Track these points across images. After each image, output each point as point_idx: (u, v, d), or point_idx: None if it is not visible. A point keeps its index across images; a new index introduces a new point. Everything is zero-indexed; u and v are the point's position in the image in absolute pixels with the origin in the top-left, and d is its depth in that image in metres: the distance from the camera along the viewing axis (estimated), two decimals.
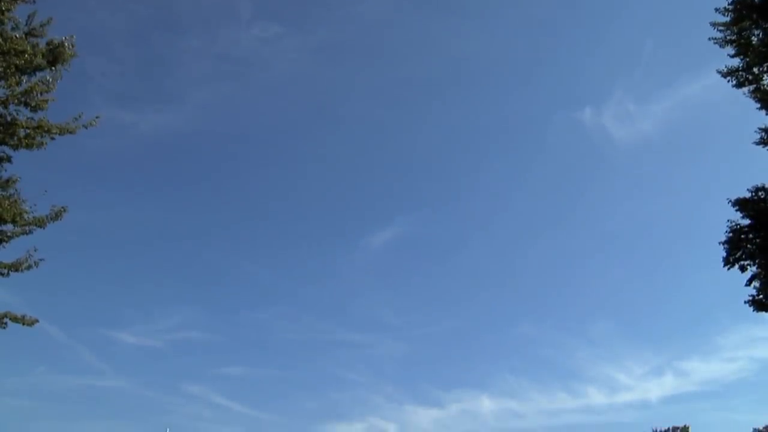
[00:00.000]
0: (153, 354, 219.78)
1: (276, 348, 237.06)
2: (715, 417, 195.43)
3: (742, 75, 22.34)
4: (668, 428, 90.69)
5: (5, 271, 16.01)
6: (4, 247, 15.88)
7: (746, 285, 22.49)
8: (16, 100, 15.82)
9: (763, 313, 22.99)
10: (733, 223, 22.46)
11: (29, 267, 15.96)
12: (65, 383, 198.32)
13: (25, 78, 16.07)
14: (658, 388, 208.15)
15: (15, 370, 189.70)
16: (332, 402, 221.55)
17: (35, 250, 15.87)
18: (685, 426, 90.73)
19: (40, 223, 16.05)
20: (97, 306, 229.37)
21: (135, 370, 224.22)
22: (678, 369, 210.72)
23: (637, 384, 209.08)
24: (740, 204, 22.33)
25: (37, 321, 16.45)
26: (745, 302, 22.54)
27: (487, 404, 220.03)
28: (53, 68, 16.44)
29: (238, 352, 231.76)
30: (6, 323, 15.91)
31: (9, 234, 15.96)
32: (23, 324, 16.16)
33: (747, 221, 22.28)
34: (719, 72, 22.67)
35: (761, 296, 22.22)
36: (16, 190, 15.96)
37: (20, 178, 16.17)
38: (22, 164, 16.48)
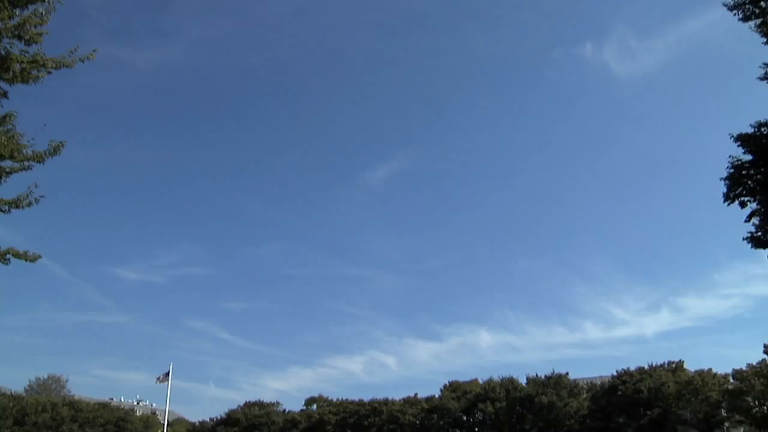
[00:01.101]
0: (155, 290, 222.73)
1: (277, 283, 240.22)
2: (709, 352, 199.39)
3: (749, 8, 21.98)
4: (663, 363, 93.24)
5: (6, 207, 16.15)
6: (5, 180, 15.98)
7: (745, 221, 22.85)
8: (9, 34, 15.66)
9: (760, 250, 23.36)
10: (735, 159, 22.61)
11: (29, 204, 16.09)
12: (69, 319, 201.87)
13: (17, 11, 15.84)
14: (653, 324, 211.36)
15: (19, 308, 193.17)
16: (333, 336, 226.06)
17: (36, 186, 15.96)
18: (680, 361, 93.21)
19: (38, 159, 16.12)
20: (98, 243, 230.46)
21: (137, 306, 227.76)
22: (674, 305, 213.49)
23: (634, 319, 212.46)
24: (742, 139, 22.39)
25: (39, 257, 16.69)
26: (743, 239, 22.94)
27: (485, 338, 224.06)
28: (46, 0, 16.18)
29: (239, 287, 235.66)
30: (9, 259, 16.16)
31: (8, 170, 16.04)
32: (26, 260, 16.37)
33: (749, 157, 22.43)
34: (725, 5, 22.28)
35: (760, 233, 22.56)
36: (13, 125, 15.95)
37: (18, 113, 16.12)
38: (20, 103, 16.43)
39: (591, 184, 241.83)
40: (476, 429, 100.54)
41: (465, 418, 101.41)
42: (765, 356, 71.59)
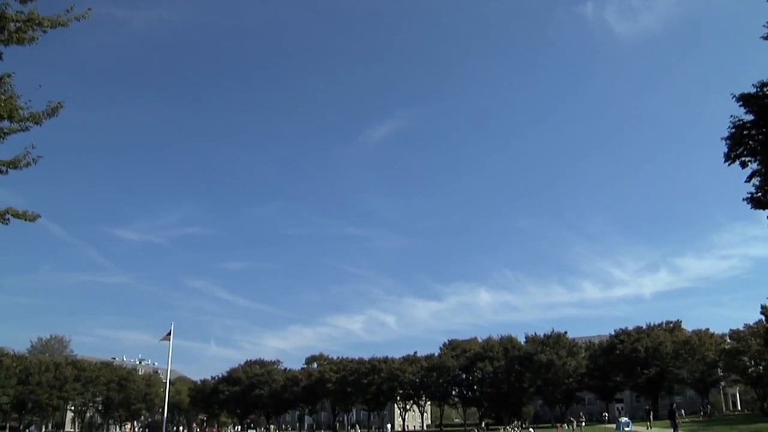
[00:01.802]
0: (155, 250, 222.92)
1: (276, 243, 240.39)
2: (706, 312, 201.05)
3: None
4: (661, 323, 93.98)
5: (4, 168, 15.89)
6: (3, 141, 15.66)
7: (746, 182, 22.75)
8: None
9: (759, 211, 23.26)
10: (736, 119, 22.37)
11: (28, 164, 15.79)
12: (70, 280, 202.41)
13: None
14: (651, 284, 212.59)
15: (21, 269, 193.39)
16: (332, 295, 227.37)
17: (33, 147, 15.65)
18: (677, 320, 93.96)
19: (36, 119, 15.79)
20: (98, 204, 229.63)
21: (138, 266, 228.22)
22: (672, 265, 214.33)
23: (632, 279, 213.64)
24: (744, 99, 22.07)
25: (38, 216, 16.53)
26: (743, 200, 22.89)
27: (484, 297, 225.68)
28: None
29: (239, 247, 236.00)
30: (8, 219, 15.97)
31: (6, 131, 15.73)
32: (25, 219, 16.23)
33: (750, 117, 22.17)
34: None
35: (760, 194, 22.43)
36: (10, 86, 15.56)
37: (14, 73, 15.71)
38: (15, 64, 16.00)
39: (591, 145, 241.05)
40: (475, 387, 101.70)
41: (464, 376, 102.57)
42: (762, 317, 72.11)
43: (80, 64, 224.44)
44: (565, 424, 73.77)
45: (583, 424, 56.23)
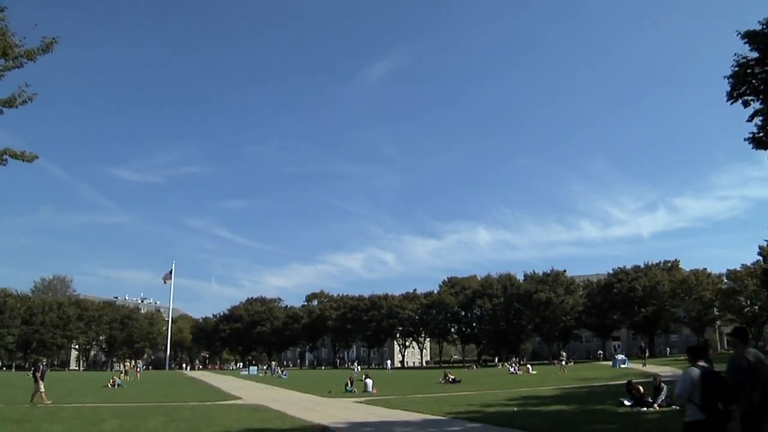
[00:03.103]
0: (155, 190, 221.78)
1: (276, 181, 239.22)
2: (704, 253, 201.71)
3: None
4: (659, 262, 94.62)
5: (0, 107, 15.42)
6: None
7: (747, 121, 22.57)
8: None
9: (758, 152, 23.05)
10: (740, 57, 21.85)
11: (24, 102, 15.35)
12: (70, 221, 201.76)
13: None
14: (650, 224, 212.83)
15: (21, 210, 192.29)
16: (332, 233, 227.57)
17: (27, 85, 15.12)
18: (675, 260, 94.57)
19: (30, 56, 15.27)
20: (96, 144, 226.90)
21: (138, 206, 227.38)
22: (670, 205, 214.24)
23: (630, 219, 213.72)
24: (749, 36, 21.54)
25: (36, 157, 16.26)
26: (744, 139, 22.80)
27: (483, 235, 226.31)
28: None
29: (238, 185, 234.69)
30: (6, 160, 15.65)
31: (1, 68, 15.17)
32: (23, 160, 15.99)
33: (755, 54, 21.66)
34: None
35: (762, 134, 22.17)
36: (4, 23, 14.90)
37: (7, 8, 15.02)
38: (9, 1, 15.20)
39: (590, 82, 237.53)
40: (474, 324, 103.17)
41: (463, 313, 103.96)
42: (759, 257, 72.38)
43: (77, 1, 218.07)
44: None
45: (563, 362, 56.25)
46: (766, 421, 7.53)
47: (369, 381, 33.60)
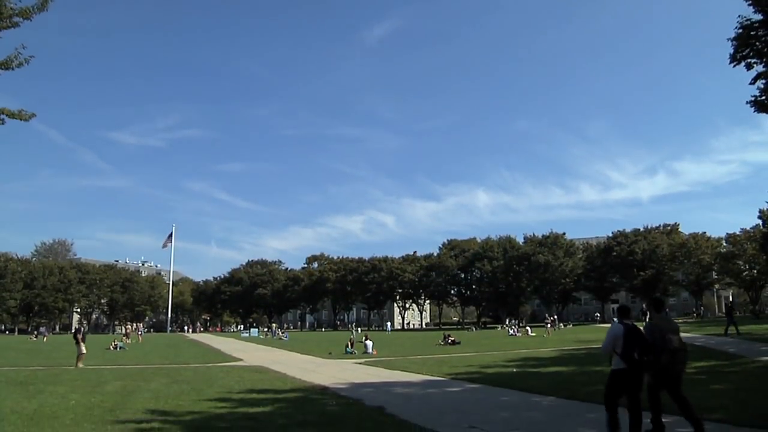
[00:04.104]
0: (154, 153, 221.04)
1: (275, 144, 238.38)
2: (703, 216, 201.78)
3: None
4: (659, 225, 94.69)
5: None
6: None
7: (750, 84, 22.40)
8: None
9: (759, 117, 23.05)
10: (744, 19, 21.46)
11: (20, 64, 15.08)
12: (70, 185, 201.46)
13: None
14: (649, 187, 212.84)
15: (21, 175, 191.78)
16: (332, 196, 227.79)
17: (23, 47, 14.86)
18: (675, 223, 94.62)
19: (25, 15, 14.95)
20: (95, 108, 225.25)
21: (137, 169, 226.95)
22: (670, 169, 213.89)
23: (630, 182, 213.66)
24: None
25: (34, 115, 16.10)
26: (746, 103, 22.69)
27: (482, 198, 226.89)
28: None
29: (237, 148, 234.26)
30: (3, 119, 15.44)
31: None
32: (20, 119, 15.82)
33: (759, 16, 21.29)
34: None
35: (764, 97, 21.98)
36: None
37: None
38: None
39: (591, 46, 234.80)
40: (474, 286, 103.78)
41: (463, 275, 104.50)
42: (759, 221, 72.38)
43: None
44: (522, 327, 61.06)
45: (549, 325, 56.31)
46: (675, 379, 8.80)
47: (369, 343, 33.86)
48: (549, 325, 57.48)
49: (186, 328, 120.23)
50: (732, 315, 37.26)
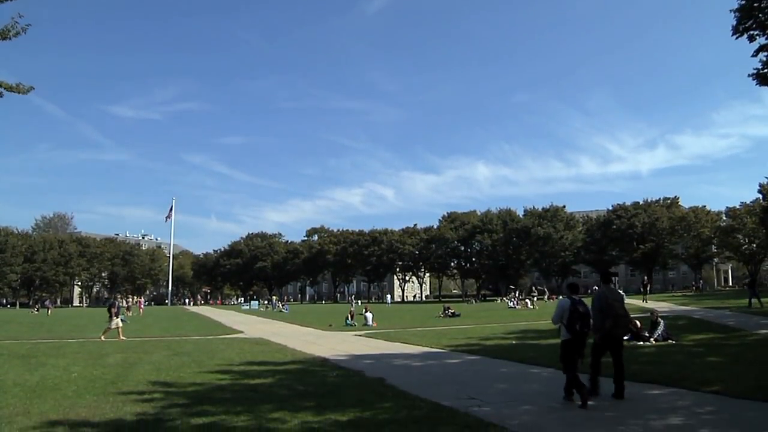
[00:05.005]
0: (153, 126, 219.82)
1: (274, 116, 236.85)
2: (704, 191, 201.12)
3: None
4: (659, 199, 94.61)
5: None
6: None
7: (752, 56, 22.36)
8: None
9: (760, 90, 23.09)
10: None
11: (17, 33, 14.95)
12: (69, 159, 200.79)
13: None
14: (649, 161, 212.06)
15: (19, 149, 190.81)
16: (331, 168, 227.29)
17: (20, 16, 14.71)
18: (675, 197, 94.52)
19: None
20: (93, 82, 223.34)
21: (136, 142, 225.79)
22: (670, 142, 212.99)
23: (630, 156, 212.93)
24: None
25: (32, 89, 16.03)
26: (748, 75, 22.71)
27: (482, 171, 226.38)
28: None
29: (237, 121, 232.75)
30: (1, 92, 15.39)
31: None
32: (18, 92, 15.76)
33: None
34: None
35: (766, 69, 21.84)
36: None
37: None
38: None
39: (591, 17, 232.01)
40: (474, 259, 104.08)
41: (463, 248, 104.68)
42: (759, 195, 72.33)
43: None
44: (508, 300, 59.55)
45: (534, 298, 56.24)
46: (617, 342, 10.14)
47: (369, 315, 34.01)
48: (536, 298, 57.54)
49: (187, 300, 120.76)
50: (755, 287, 37.09)
